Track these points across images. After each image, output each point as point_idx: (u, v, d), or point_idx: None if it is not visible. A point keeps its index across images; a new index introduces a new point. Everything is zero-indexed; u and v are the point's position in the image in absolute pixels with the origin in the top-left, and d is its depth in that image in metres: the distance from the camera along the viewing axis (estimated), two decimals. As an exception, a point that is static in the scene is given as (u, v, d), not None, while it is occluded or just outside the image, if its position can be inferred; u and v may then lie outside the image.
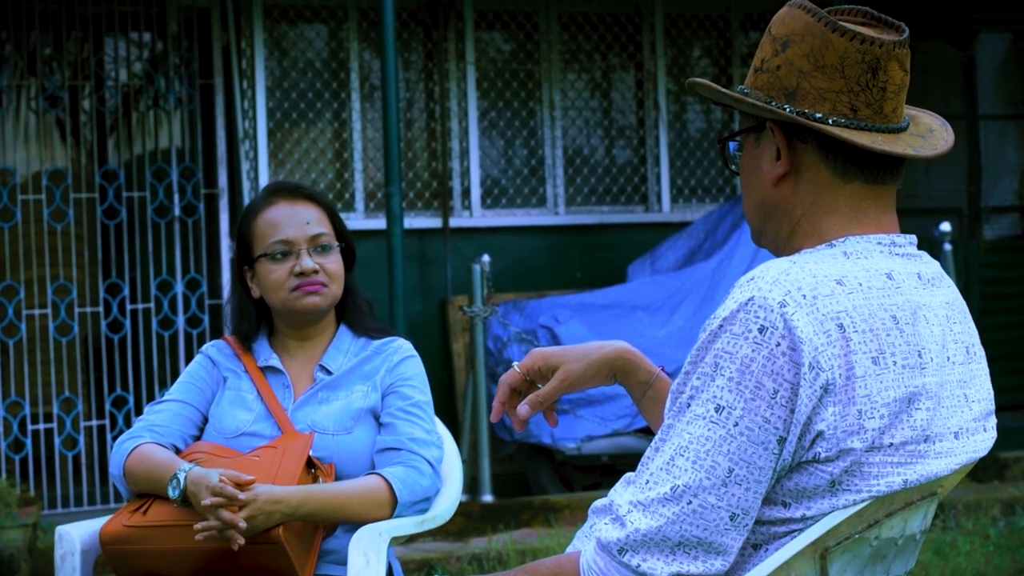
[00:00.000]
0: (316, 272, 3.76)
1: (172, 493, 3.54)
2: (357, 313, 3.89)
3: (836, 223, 2.37)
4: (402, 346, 3.85)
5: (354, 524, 3.60)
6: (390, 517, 3.62)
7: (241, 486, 3.46)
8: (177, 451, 3.74)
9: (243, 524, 3.43)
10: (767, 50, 2.39)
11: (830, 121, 2.33)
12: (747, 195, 2.47)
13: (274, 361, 3.83)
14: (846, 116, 2.33)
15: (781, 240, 2.43)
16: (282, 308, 3.80)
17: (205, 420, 3.83)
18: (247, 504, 3.44)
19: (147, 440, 3.71)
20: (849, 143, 2.31)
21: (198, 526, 3.46)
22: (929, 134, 2.43)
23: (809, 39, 2.34)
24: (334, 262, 3.80)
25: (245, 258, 3.84)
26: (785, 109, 2.34)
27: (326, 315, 3.85)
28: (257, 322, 3.87)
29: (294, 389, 3.80)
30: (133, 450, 3.69)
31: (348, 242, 3.87)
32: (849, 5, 2.43)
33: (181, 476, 3.54)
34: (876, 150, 2.31)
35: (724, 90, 2.41)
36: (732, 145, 2.51)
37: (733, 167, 2.51)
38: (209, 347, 3.92)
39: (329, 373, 3.80)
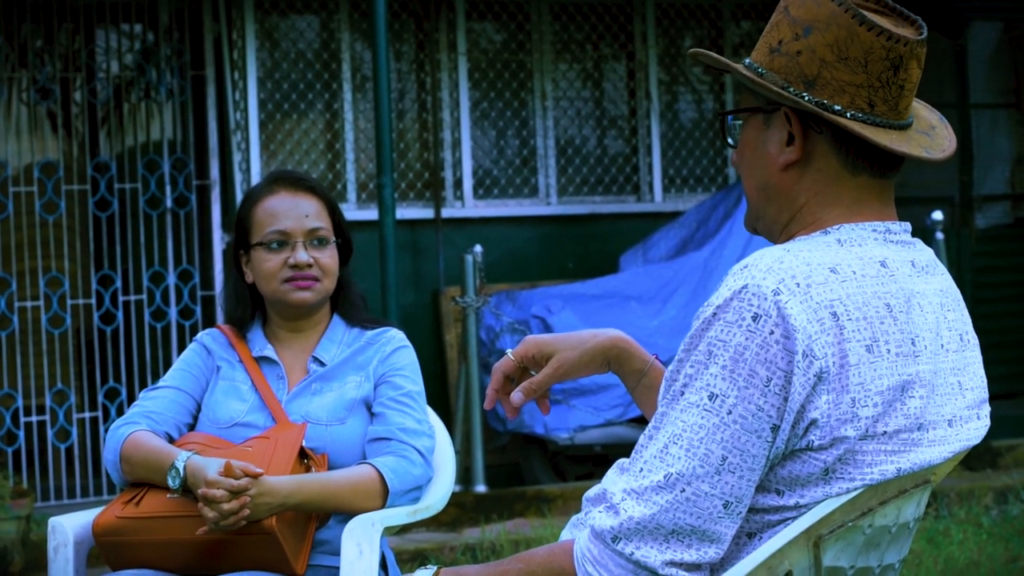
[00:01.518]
0: (310, 266, 3.75)
1: (172, 483, 3.51)
2: (350, 306, 3.88)
3: (838, 214, 2.36)
4: (395, 336, 3.84)
5: (346, 514, 3.60)
6: (382, 507, 3.61)
7: (250, 478, 3.44)
8: (171, 439, 3.72)
9: (245, 513, 3.41)
10: (785, 31, 2.35)
11: (848, 115, 2.31)
12: (748, 175, 2.43)
13: (268, 352, 3.81)
14: (863, 111, 2.32)
15: (779, 225, 2.41)
16: (272, 298, 3.79)
17: (199, 408, 3.82)
18: (245, 492, 3.42)
19: (143, 427, 3.68)
20: (867, 140, 2.30)
21: (200, 530, 3.45)
22: (931, 131, 2.41)
23: (834, 29, 2.31)
24: (329, 257, 3.79)
25: (242, 242, 3.83)
26: (804, 97, 2.31)
27: (319, 308, 3.84)
28: (252, 308, 3.86)
29: (288, 380, 3.79)
30: (129, 436, 3.65)
31: (346, 237, 3.86)
32: None
33: (180, 465, 3.51)
34: (895, 151, 2.30)
35: (736, 65, 2.37)
36: (730, 118, 2.48)
37: (731, 140, 2.47)
38: (204, 335, 3.91)
39: (322, 364, 3.79)
